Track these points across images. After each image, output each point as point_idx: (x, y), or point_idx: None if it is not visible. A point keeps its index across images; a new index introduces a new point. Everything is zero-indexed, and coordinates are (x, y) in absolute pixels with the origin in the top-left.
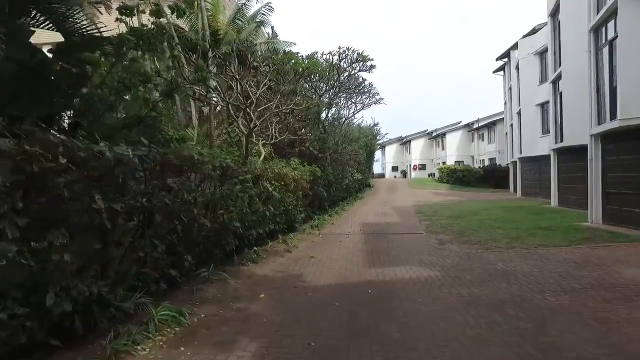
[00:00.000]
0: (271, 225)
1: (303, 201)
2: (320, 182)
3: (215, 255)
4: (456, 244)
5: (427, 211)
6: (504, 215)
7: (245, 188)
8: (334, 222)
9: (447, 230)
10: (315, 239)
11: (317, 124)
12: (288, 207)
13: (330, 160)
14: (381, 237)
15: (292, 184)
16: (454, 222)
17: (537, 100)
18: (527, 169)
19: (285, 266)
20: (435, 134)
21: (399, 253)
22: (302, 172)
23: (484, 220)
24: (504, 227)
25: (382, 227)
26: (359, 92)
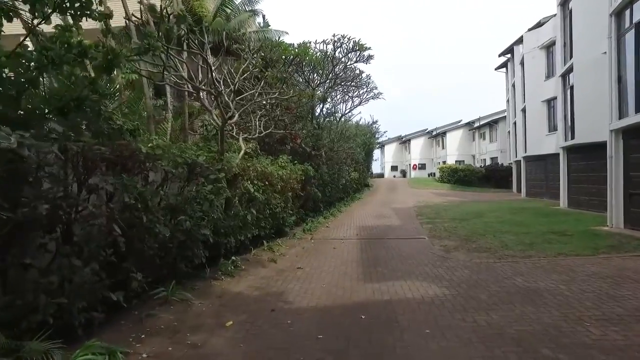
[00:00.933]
0: (254, 230)
1: (294, 203)
2: (313, 182)
3: (180, 269)
4: (463, 251)
5: (429, 213)
6: (512, 217)
7: (218, 189)
8: (329, 225)
9: (452, 235)
10: (306, 244)
11: (310, 119)
12: (275, 209)
13: (326, 159)
14: (379, 242)
15: (279, 184)
16: (459, 226)
17: (544, 96)
18: (532, 168)
19: (266, 280)
20: (436, 133)
21: (400, 263)
22: (292, 171)
23: (490, 224)
24: (514, 232)
25: (381, 231)
26: (356, 85)
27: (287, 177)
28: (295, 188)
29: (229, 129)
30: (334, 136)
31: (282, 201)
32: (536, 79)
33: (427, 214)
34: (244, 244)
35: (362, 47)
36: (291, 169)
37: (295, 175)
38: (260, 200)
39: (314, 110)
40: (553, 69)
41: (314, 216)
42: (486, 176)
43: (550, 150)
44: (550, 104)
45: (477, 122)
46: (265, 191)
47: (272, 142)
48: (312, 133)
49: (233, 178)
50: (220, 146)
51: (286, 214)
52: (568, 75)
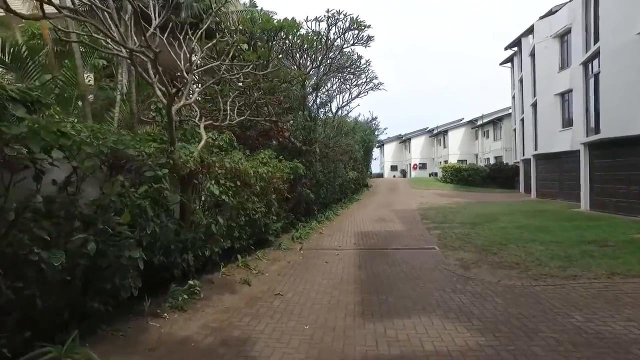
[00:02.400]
0: (224, 243)
1: (281, 206)
2: (305, 182)
3: (93, 310)
4: (486, 267)
5: (435, 216)
6: (530, 222)
7: (157, 191)
8: (323, 231)
9: (466, 244)
10: (293, 257)
11: (302, 109)
12: (253, 215)
13: (320, 156)
14: (381, 254)
15: (258, 184)
16: (471, 232)
17: (557, 89)
18: (544, 167)
19: (230, 316)
20: (437, 132)
21: (409, 286)
22: (276, 169)
23: (508, 229)
24: (539, 240)
25: (383, 239)
26: (354, 72)
27: (269, 176)
28: (281, 189)
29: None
30: (329, 131)
31: (263, 205)
32: (549, 71)
33: (432, 218)
34: (211, 261)
35: (360, 26)
36: (275, 166)
37: (281, 174)
38: (230, 204)
39: (306, 101)
40: (568, 59)
41: (306, 221)
42: (491, 176)
43: (564, 148)
44: (564, 98)
45: (480, 120)
46: (238, 193)
47: (256, 134)
48: (304, 125)
49: (188, 176)
50: (169, 133)
51: (269, 220)
52: (591, 63)
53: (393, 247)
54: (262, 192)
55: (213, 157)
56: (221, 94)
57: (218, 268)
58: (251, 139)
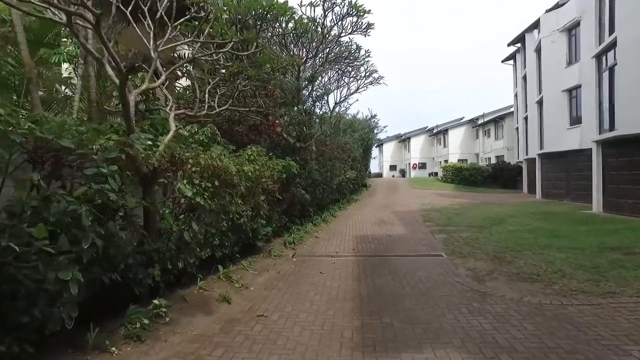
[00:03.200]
0: (203, 252)
1: (273, 209)
2: (299, 182)
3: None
4: (503, 280)
5: (438, 218)
6: (541, 225)
7: (100, 193)
8: (319, 235)
9: (476, 250)
10: (284, 266)
11: (295, 103)
12: (237, 220)
13: (316, 155)
14: (383, 263)
15: (242, 184)
16: (480, 236)
17: (564, 85)
18: (550, 166)
19: (197, 350)
20: (437, 131)
21: (417, 306)
22: (265, 167)
23: (519, 233)
24: (556, 246)
25: (383, 244)
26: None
27: (257, 175)
28: (272, 189)
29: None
30: (326, 128)
31: (249, 208)
32: (556, 66)
33: (436, 220)
34: (185, 273)
35: (359, 11)
36: (265, 164)
37: (272, 173)
38: (208, 208)
39: (301, 94)
40: (576, 53)
41: (301, 223)
42: (493, 176)
43: (572, 146)
44: (571, 94)
45: (481, 118)
46: (218, 195)
47: (245, 130)
48: (298, 120)
49: (152, 175)
50: (125, 121)
51: (257, 224)
52: (605, 55)
53: (395, 254)
54: (249, 193)
55: (186, 153)
56: (201, 81)
57: (196, 281)
58: (239, 135)
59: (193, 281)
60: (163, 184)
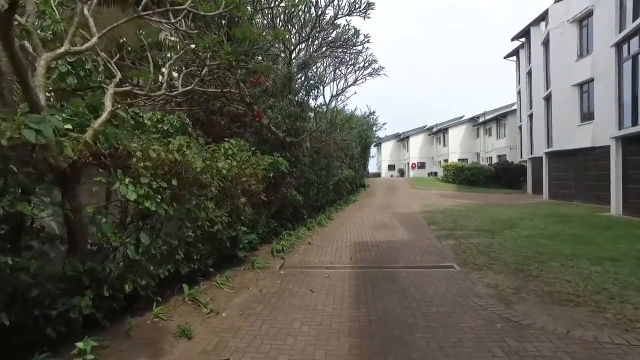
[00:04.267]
0: (160, 270)
1: (259, 212)
2: (290, 181)
3: None
4: (535, 302)
5: (443, 221)
6: (559, 229)
7: None
8: (312, 241)
9: (493, 261)
10: (268, 282)
11: (286, 92)
12: (209, 227)
13: (311, 152)
14: (385, 277)
15: (213, 183)
16: (494, 242)
17: (575, 79)
18: (558, 165)
19: None
20: (436, 130)
21: (435, 345)
22: (246, 164)
23: (537, 240)
24: (586, 256)
25: (385, 252)
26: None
27: (235, 173)
28: (255, 190)
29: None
30: (322, 123)
31: (224, 213)
32: (565, 60)
33: (440, 223)
34: (140, 297)
35: None
36: (246, 160)
37: (255, 171)
38: (166, 214)
39: (293, 83)
40: (588, 45)
41: (293, 227)
42: (496, 176)
43: (583, 144)
44: (582, 89)
45: (482, 117)
46: (180, 198)
47: (227, 121)
48: (288, 112)
49: (72, 171)
50: (26, 94)
51: (237, 231)
52: (627, 44)
53: (400, 265)
54: (224, 194)
55: (133, 144)
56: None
57: (150, 307)
58: (220, 127)
59: (146, 308)
60: (106, 183)
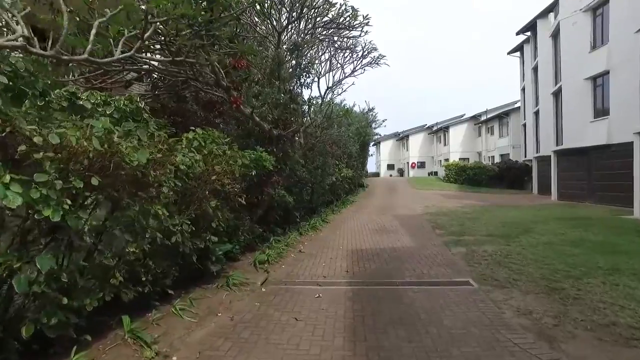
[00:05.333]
0: (85, 300)
1: (240, 216)
2: (277, 180)
3: None
4: (587, 337)
5: (449, 224)
6: (582, 235)
7: None
8: (304, 248)
9: (516, 275)
10: (243, 306)
11: (275, 78)
12: (165, 240)
13: (305, 148)
14: (389, 297)
15: (166, 184)
16: (510, 250)
17: (587, 72)
18: (568, 164)
19: None
20: (437, 129)
21: None
22: (217, 159)
23: (560, 247)
24: (631, 270)
25: (387, 262)
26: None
27: (201, 170)
28: (231, 191)
29: None
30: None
31: (185, 220)
32: (577, 52)
33: (447, 227)
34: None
35: None
36: (218, 155)
37: (230, 168)
38: (78, 227)
39: (282, 69)
40: (603, 34)
41: (284, 232)
42: (499, 175)
43: (597, 141)
44: (596, 82)
45: (484, 115)
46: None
47: (200, 110)
48: (276, 100)
49: None
50: None
51: (206, 241)
52: None
53: (405, 281)
54: (186, 197)
55: (30, 125)
56: None
57: (81, 346)
58: (193, 116)
59: (80, 347)
60: None
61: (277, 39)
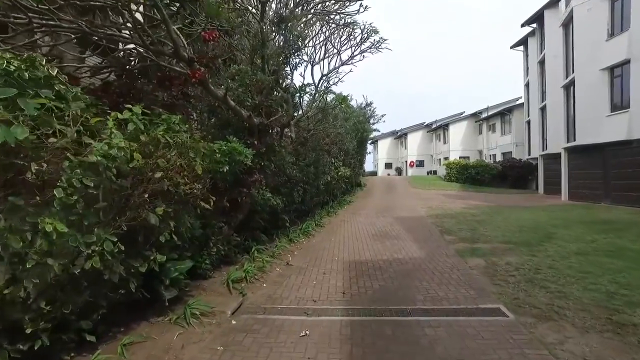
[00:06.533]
0: None
1: (210, 223)
2: (260, 179)
3: None
4: None
5: (457, 228)
6: (615, 242)
7: None
8: (292, 260)
9: (560, 301)
10: (200, 351)
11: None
12: (69, 267)
13: (296, 143)
14: (399, 335)
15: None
16: (540, 264)
17: (604, 62)
18: (581, 162)
19: None
20: (436, 126)
21: None
22: (163, 150)
23: (598, 260)
24: None
25: (392, 280)
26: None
27: (135, 165)
28: (189, 193)
29: None
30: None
31: (106, 236)
32: (593, 40)
33: (455, 231)
34: None
35: None
36: (162, 143)
37: (187, 162)
38: None
39: (266, 46)
40: (623, 21)
41: (270, 240)
42: (502, 174)
43: (615, 137)
44: (614, 73)
45: (484, 112)
46: None
47: (159, 89)
48: (257, 82)
49: None
50: None
51: (149, 262)
52: None
53: (418, 308)
54: (113, 204)
55: None
56: None
57: None
58: (146, 95)
59: None
60: None
61: (260, 10)
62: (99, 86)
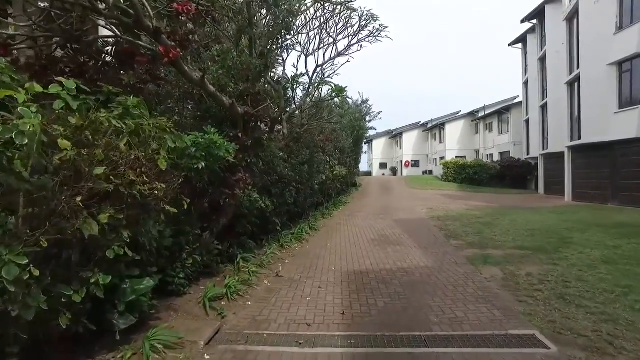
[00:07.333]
0: None
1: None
2: (245, 178)
3: None
4: None
5: (463, 232)
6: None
7: None
8: (283, 269)
9: (608, 325)
10: None
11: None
12: None
13: (288, 139)
14: None
15: None
16: (566, 274)
17: (612, 57)
18: (586, 161)
19: None
20: (432, 126)
21: None
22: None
23: (631, 270)
24: None
25: (399, 296)
26: None
27: (66, 157)
28: (150, 195)
29: None
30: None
31: (11, 258)
32: (600, 34)
33: (461, 235)
34: None
35: None
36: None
37: (146, 154)
38: None
39: (253, 25)
40: (633, 13)
41: (259, 246)
42: (500, 174)
43: (624, 135)
44: (622, 68)
45: (481, 111)
46: None
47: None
48: (242, 65)
49: None
50: None
51: (88, 287)
52: None
53: (434, 334)
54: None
55: None
56: None
57: None
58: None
59: None
60: None
61: None
62: (42, 61)
